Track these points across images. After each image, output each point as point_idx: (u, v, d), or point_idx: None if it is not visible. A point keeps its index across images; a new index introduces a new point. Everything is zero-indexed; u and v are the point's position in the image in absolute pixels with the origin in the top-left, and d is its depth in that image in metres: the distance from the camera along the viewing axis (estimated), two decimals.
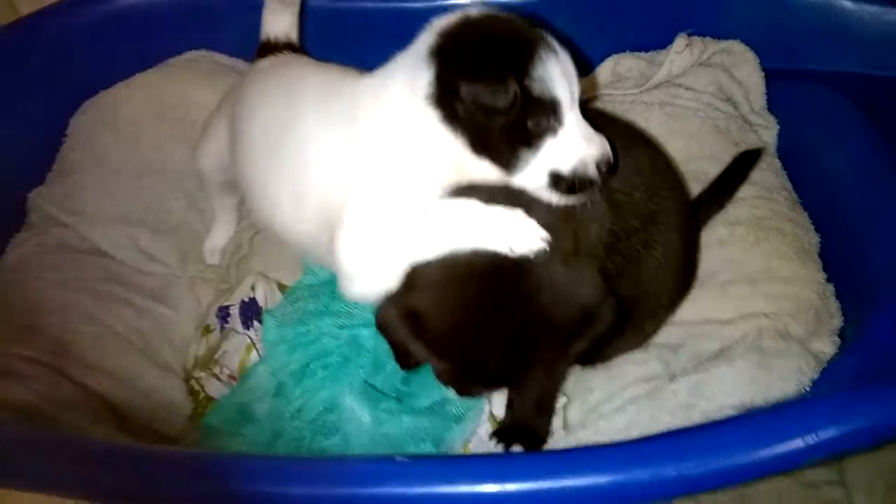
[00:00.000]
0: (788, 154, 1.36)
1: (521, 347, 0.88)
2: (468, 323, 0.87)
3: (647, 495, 0.80)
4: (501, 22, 0.91)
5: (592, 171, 0.89)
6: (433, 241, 0.89)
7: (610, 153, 0.90)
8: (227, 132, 1.16)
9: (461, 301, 0.87)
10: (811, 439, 0.77)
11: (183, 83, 1.41)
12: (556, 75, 0.87)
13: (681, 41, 1.42)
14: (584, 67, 1.45)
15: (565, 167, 0.89)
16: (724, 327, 1.09)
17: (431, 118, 0.89)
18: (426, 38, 0.91)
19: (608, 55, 1.50)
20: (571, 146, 0.89)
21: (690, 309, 1.14)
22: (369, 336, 1.06)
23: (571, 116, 0.90)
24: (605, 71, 1.49)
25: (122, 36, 1.45)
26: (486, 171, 0.91)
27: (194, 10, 1.48)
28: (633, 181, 1.01)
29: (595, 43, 1.47)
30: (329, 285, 1.13)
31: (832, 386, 0.95)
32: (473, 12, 0.93)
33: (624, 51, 1.50)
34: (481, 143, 0.89)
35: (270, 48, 1.26)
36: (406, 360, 0.93)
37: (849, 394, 0.83)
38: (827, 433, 0.77)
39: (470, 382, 0.92)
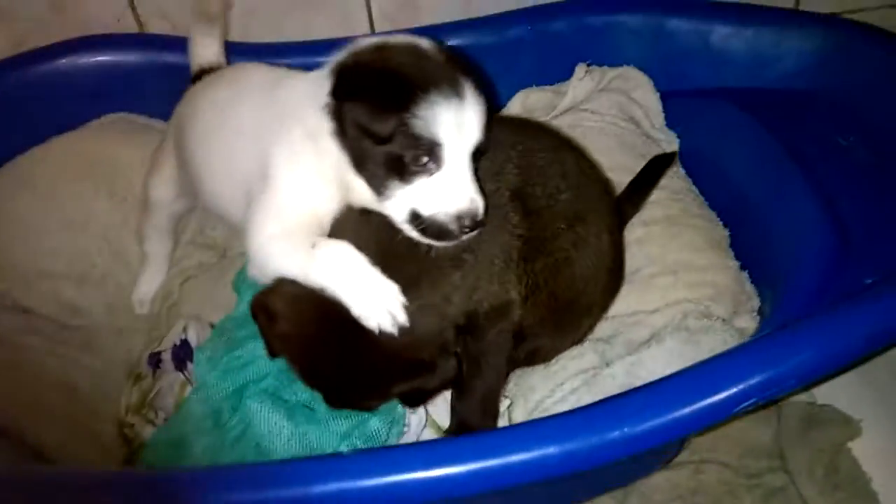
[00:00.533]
0: (691, 162, 1.46)
1: (353, 376, 0.94)
2: (310, 338, 0.94)
3: (595, 460, 0.81)
4: (413, 53, 0.93)
5: (451, 224, 0.91)
6: (307, 273, 0.92)
7: (478, 211, 0.91)
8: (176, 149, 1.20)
9: (306, 318, 0.94)
10: (739, 386, 0.81)
11: (103, 141, 1.42)
12: (445, 119, 0.88)
13: (580, 69, 1.53)
14: (495, 105, 1.56)
15: (425, 210, 0.91)
16: (652, 315, 1.14)
17: (325, 128, 0.93)
18: (341, 54, 0.97)
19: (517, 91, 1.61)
20: (440, 192, 0.90)
21: (620, 304, 1.19)
22: None
23: (454, 164, 0.91)
24: (515, 105, 1.59)
25: (38, 102, 1.47)
26: (363, 191, 0.95)
27: (110, 74, 1.51)
28: (558, 185, 1.07)
29: (504, 82, 1.58)
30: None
31: None
32: (396, 38, 0.96)
33: (531, 86, 1.61)
34: (360, 163, 0.92)
35: (204, 73, 1.30)
36: (269, 348, 0.98)
37: (766, 340, 0.88)
38: (753, 378, 0.82)
39: (314, 388, 0.97)
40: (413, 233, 0.93)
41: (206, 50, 1.33)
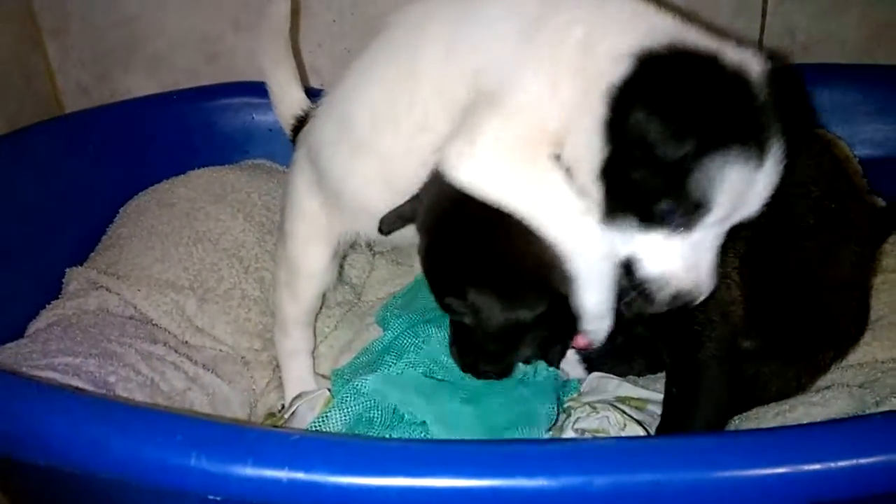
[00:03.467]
0: None
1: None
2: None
3: None
4: (740, 83, 0.76)
5: (660, 297, 0.78)
6: (566, 237, 0.79)
7: (698, 298, 0.78)
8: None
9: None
10: None
11: (243, 173, 1.38)
12: (730, 187, 0.73)
13: None
14: None
15: (645, 270, 0.77)
16: None
17: (596, 111, 0.76)
18: (653, 35, 0.78)
19: None
20: (671, 259, 0.77)
21: (864, 353, 1.00)
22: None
23: (704, 234, 0.77)
24: None
25: (185, 140, 1.47)
26: (588, 192, 0.79)
27: (255, 121, 1.50)
28: (811, 176, 0.91)
29: None
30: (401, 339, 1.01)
31: None
32: (729, 49, 0.78)
33: None
34: (610, 173, 0.77)
35: (303, 123, 1.22)
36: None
37: None
38: None
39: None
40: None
41: (289, 96, 1.27)
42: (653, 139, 0.72)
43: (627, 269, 0.79)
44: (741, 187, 0.74)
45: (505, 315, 0.83)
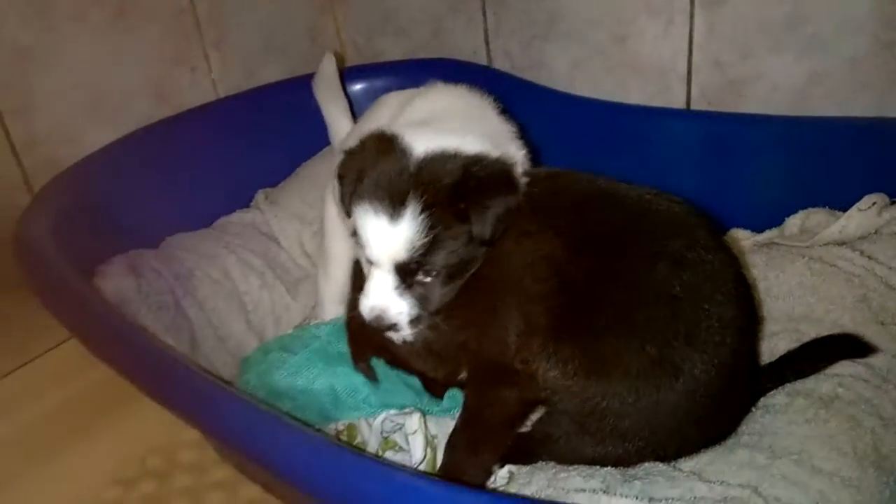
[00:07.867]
0: None
1: None
2: None
3: None
4: (386, 160, 1.01)
5: (370, 321, 1.03)
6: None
7: (378, 322, 1.03)
8: None
9: None
10: None
11: None
12: (368, 229, 1.00)
13: (868, 199, 1.28)
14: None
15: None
16: (696, 485, 0.96)
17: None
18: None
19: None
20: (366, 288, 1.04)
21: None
22: None
23: (378, 269, 1.02)
24: (792, 223, 1.42)
25: None
26: None
27: None
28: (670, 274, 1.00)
29: (793, 195, 1.45)
30: None
31: None
32: (394, 141, 1.03)
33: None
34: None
35: None
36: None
37: None
38: None
39: None
40: None
41: (342, 121, 1.63)
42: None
43: None
44: (375, 234, 0.99)
45: None
